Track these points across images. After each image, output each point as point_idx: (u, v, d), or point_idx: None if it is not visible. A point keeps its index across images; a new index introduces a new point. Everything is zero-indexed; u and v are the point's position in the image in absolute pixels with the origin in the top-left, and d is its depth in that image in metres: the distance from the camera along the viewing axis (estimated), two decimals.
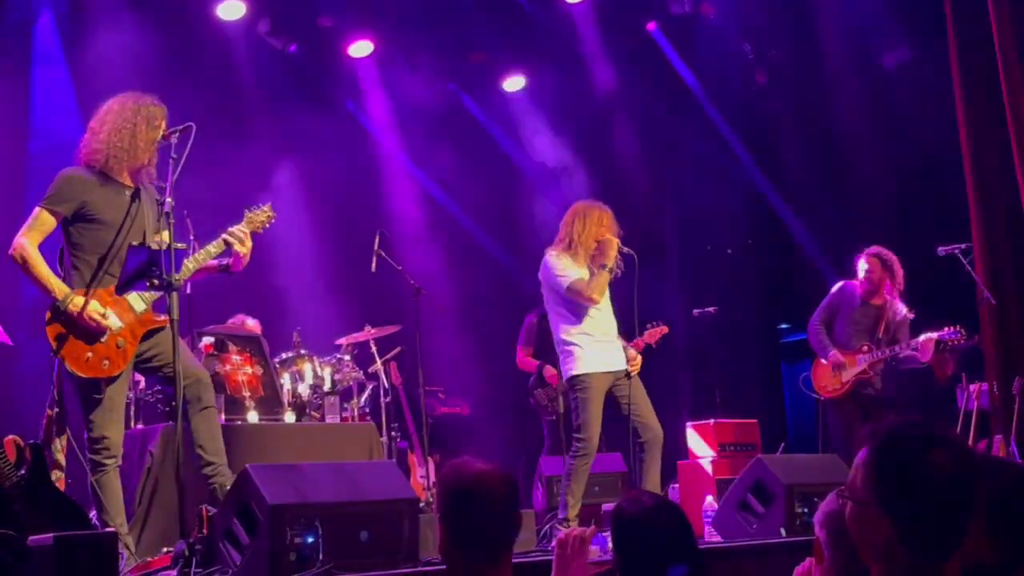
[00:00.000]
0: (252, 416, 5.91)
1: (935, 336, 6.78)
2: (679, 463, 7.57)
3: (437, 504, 2.88)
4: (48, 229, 4.57)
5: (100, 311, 4.47)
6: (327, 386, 6.54)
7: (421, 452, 7.75)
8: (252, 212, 4.92)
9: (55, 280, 4.50)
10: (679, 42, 10.45)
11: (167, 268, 4.29)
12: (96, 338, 4.47)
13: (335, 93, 10.02)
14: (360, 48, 9.59)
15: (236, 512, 4.04)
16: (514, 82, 10.46)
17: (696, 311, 8.75)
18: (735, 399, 9.30)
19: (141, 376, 5.70)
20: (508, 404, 9.87)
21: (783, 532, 5.22)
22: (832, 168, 10.39)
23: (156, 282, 4.31)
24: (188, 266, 4.60)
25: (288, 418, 6.12)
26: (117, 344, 4.52)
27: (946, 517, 1.82)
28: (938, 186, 8.80)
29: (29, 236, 4.52)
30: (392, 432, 7.63)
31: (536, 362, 8.02)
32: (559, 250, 5.86)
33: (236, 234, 4.77)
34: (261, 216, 4.93)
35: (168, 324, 4.42)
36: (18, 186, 7.42)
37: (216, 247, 4.74)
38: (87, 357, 4.46)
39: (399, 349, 8.15)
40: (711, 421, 7.71)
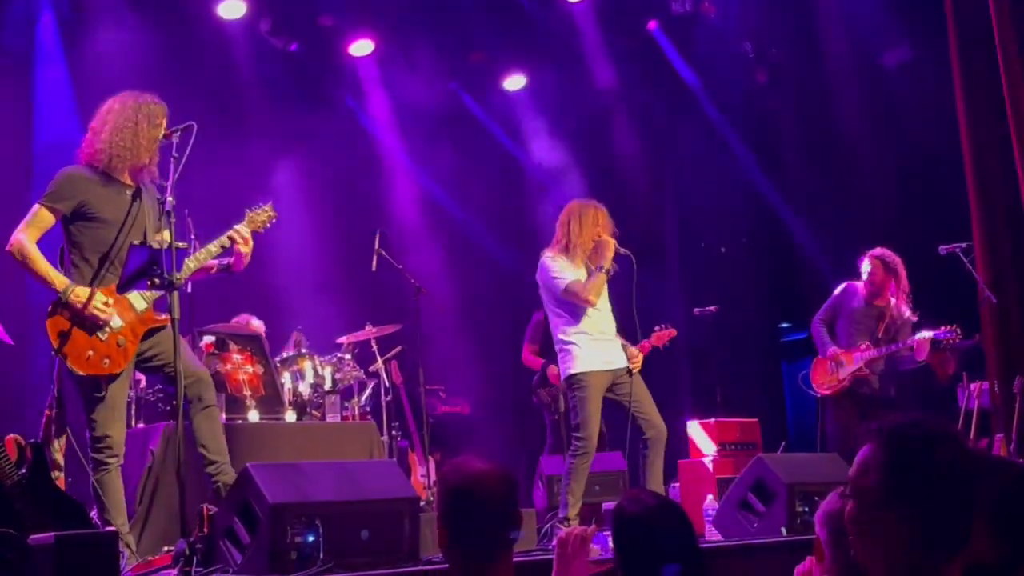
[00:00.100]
0: (253, 415, 5.90)
1: (930, 335, 6.78)
2: (680, 462, 7.56)
3: (436, 503, 2.88)
4: (46, 226, 4.56)
5: (104, 300, 4.47)
6: (328, 385, 6.53)
7: (422, 451, 7.76)
8: (253, 211, 4.92)
9: (55, 273, 4.50)
10: (680, 41, 10.45)
11: (168, 267, 4.29)
12: (97, 329, 4.47)
13: (336, 92, 10.02)
14: (361, 47, 9.59)
15: (237, 511, 4.05)
16: (515, 81, 10.46)
17: (697, 310, 8.74)
18: (736, 398, 9.30)
19: (142, 375, 5.70)
20: (509, 403, 9.88)
21: (784, 531, 5.22)
22: (833, 167, 10.39)
23: (157, 281, 4.31)
24: (189, 265, 4.60)
25: (289, 417, 6.12)
26: (118, 342, 4.52)
27: (958, 514, 1.82)
28: (939, 185, 8.79)
29: (27, 232, 4.53)
30: (393, 431, 7.63)
31: (541, 360, 8.02)
32: (555, 252, 5.85)
33: (237, 233, 4.77)
34: (262, 215, 4.94)
35: (169, 323, 4.42)
36: (19, 185, 7.41)
37: (217, 246, 4.74)
38: (88, 355, 4.46)
39: (400, 348, 8.14)
40: (712, 420, 7.71)
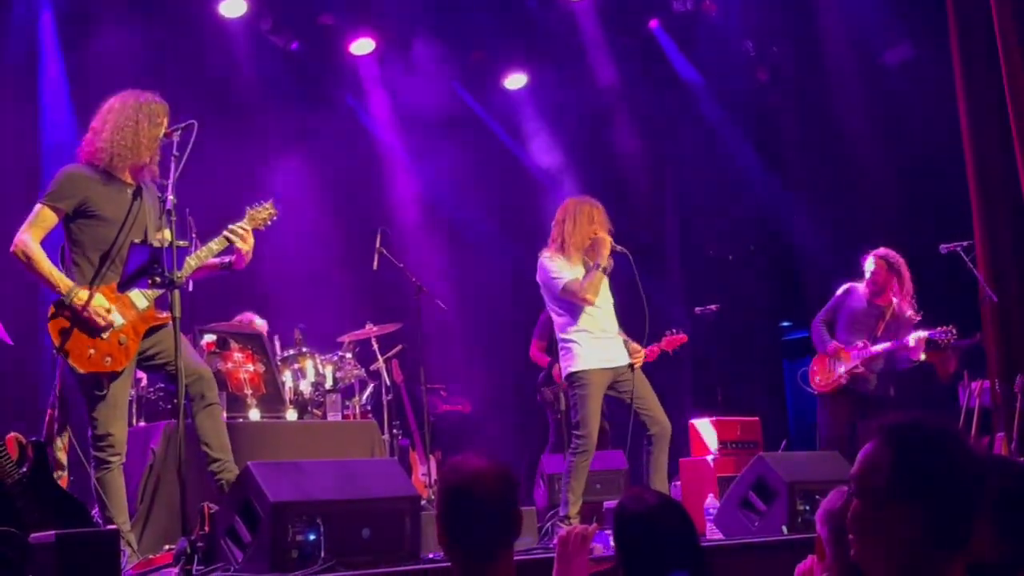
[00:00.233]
0: (254, 414, 5.91)
1: (926, 334, 6.78)
2: (681, 460, 7.56)
3: (436, 502, 2.87)
4: (49, 226, 4.56)
5: (105, 306, 4.47)
6: (329, 384, 6.54)
7: (423, 450, 7.76)
8: (254, 209, 4.91)
9: (58, 275, 4.50)
10: (681, 40, 10.44)
11: (169, 266, 4.29)
12: (99, 333, 4.47)
13: (336, 91, 10.02)
14: (361, 46, 9.58)
15: (238, 510, 4.05)
16: (515, 80, 10.46)
17: (698, 309, 8.73)
18: (737, 397, 9.30)
19: (143, 374, 5.70)
20: (510, 402, 9.88)
21: (785, 530, 5.23)
22: (833, 165, 10.39)
23: (158, 280, 4.31)
24: (190, 263, 4.60)
25: (290, 416, 6.13)
26: (119, 341, 4.52)
27: (962, 513, 1.82)
28: (940, 184, 8.79)
29: (31, 232, 4.52)
30: (394, 430, 7.63)
31: (548, 358, 8.02)
32: (552, 251, 5.86)
33: (237, 231, 4.77)
34: (263, 213, 4.93)
35: (170, 321, 4.42)
36: (27, 186, 7.40)
37: (218, 244, 4.74)
38: (89, 353, 4.46)
39: (401, 347, 8.15)
40: (713, 419, 7.71)
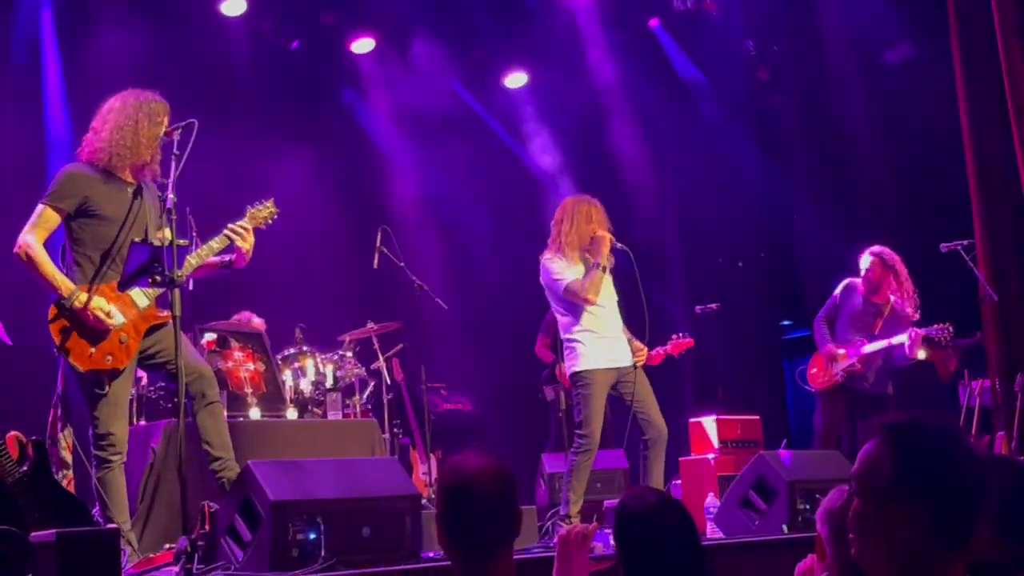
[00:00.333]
0: (254, 412, 5.91)
1: (921, 333, 6.78)
2: (681, 459, 7.53)
3: (435, 502, 2.87)
4: (52, 226, 4.56)
5: (105, 308, 4.47)
6: (329, 382, 6.54)
7: (423, 449, 7.75)
8: (254, 208, 4.91)
9: (60, 277, 4.50)
10: (681, 39, 10.44)
11: (169, 265, 4.29)
12: (100, 336, 4.47)
13: (337, 90, 10.01)
14: (362, 45, 9.59)
15: (238, 508, 4.05)
16: (516, 79, 10.46)
17: (698, 308, 8.73)
18: (737, 395, 9.30)
19: (143, 373, 5.69)
20: (510, 401, 9.87)
21: (785, 529, 5.23)
22: (835, 164, 10.38)
23: (158, 279, 4.31)
24: (191, 262, 4.61)
25: (290, 415, 6.13)
26: (120, 339, 4.52)
27: (965, 512, 1.81)
28: (940, 182, 8.78)
29: (34, 233, 4.52)
30: (394, 429, 7.63)
31: (552, 355, 8.02)
32: (552, 252, 5.88)
33: (238, 230, 4.77)
34: (264, 212, 4.93)
35: (171, 320, 4.41)
36: (23, 185, 7.40)
37: (218, 243, 4.74)
38: (90, 353, 4.47)
39: (401, 345, 8.15)
40: (713, 417, 7.70)
